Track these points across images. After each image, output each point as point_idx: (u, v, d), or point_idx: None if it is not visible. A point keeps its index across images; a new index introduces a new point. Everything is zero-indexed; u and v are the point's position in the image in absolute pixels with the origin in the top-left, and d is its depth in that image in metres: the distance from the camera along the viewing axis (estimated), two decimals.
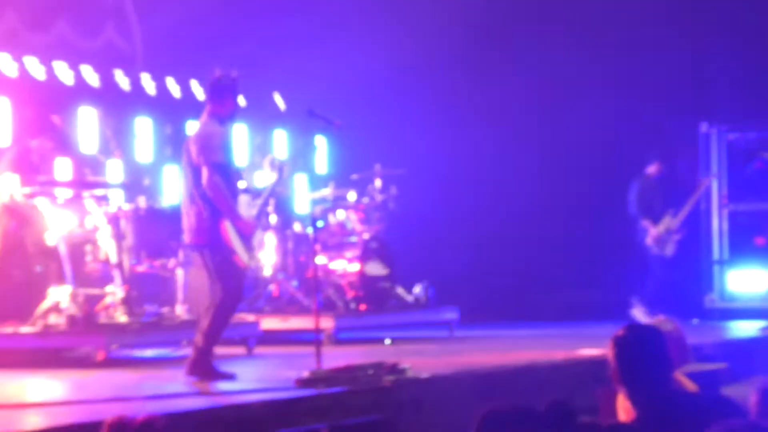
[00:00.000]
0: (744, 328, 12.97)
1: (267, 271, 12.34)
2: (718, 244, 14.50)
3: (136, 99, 13.05)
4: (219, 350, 10.04)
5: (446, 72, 15.16)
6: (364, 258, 12.43)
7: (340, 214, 12.76)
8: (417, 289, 12.87)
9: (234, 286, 8.48)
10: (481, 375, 8.31)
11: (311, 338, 8.70)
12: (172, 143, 12.31)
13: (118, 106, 12.55)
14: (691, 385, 5.22)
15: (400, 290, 12.83)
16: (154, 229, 10.66)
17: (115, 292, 10.01)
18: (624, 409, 4.75)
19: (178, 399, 7.30)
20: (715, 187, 14.43)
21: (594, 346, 9.74)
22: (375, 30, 14.01)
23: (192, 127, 13.22)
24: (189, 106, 13.44)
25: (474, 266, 15.08)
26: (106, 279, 10.16)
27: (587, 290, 14.60)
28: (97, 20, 13.05)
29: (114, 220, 10.17)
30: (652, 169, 13.54)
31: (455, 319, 12.77)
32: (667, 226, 13.45)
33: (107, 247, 10.09)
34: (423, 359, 9.14)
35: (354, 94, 13.91)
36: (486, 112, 15.02)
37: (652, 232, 13.38)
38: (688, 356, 5.89)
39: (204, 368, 8.28)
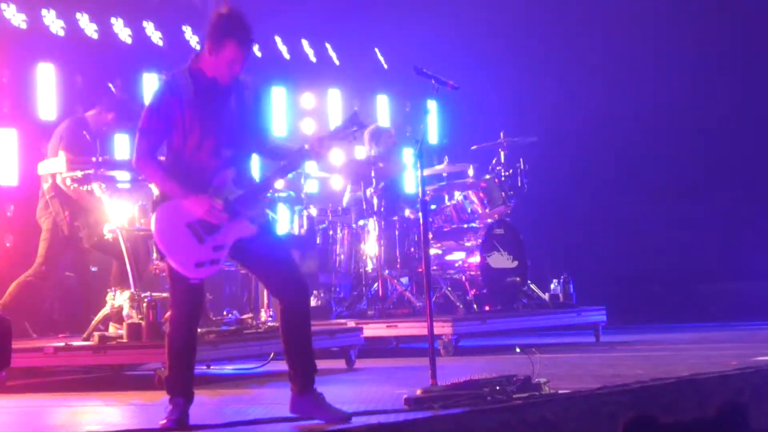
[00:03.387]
0: None
1: (370, 267, 12.15)
2: None
3: None
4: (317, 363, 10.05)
5: (585, 25, 15.09)
6: (487, 247, 12.08)
7: (458, 195, 12.43)
8: (553, 285, 12.70)
9: (178, 297, 6.77)
10: (634, 390, 7.64)
11: (425, 347, 8.20)
12: None
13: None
14: None
15: (532, 286, 12.59)
16: None
17: None
18: None
19: (262, 425, 6.75)
20: None
21: None
22: None
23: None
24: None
25: (620, 256, 14.93)
26: None
27: (758, 283, 14.52)
28: None
29: None
30: None
31: (602, 321, 12.51)
32: None
33: None
34: (562, 371, 8.86)
35: (471, 49, 14.25)
36: (635, 71, 15.02)
37: None
38: None
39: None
